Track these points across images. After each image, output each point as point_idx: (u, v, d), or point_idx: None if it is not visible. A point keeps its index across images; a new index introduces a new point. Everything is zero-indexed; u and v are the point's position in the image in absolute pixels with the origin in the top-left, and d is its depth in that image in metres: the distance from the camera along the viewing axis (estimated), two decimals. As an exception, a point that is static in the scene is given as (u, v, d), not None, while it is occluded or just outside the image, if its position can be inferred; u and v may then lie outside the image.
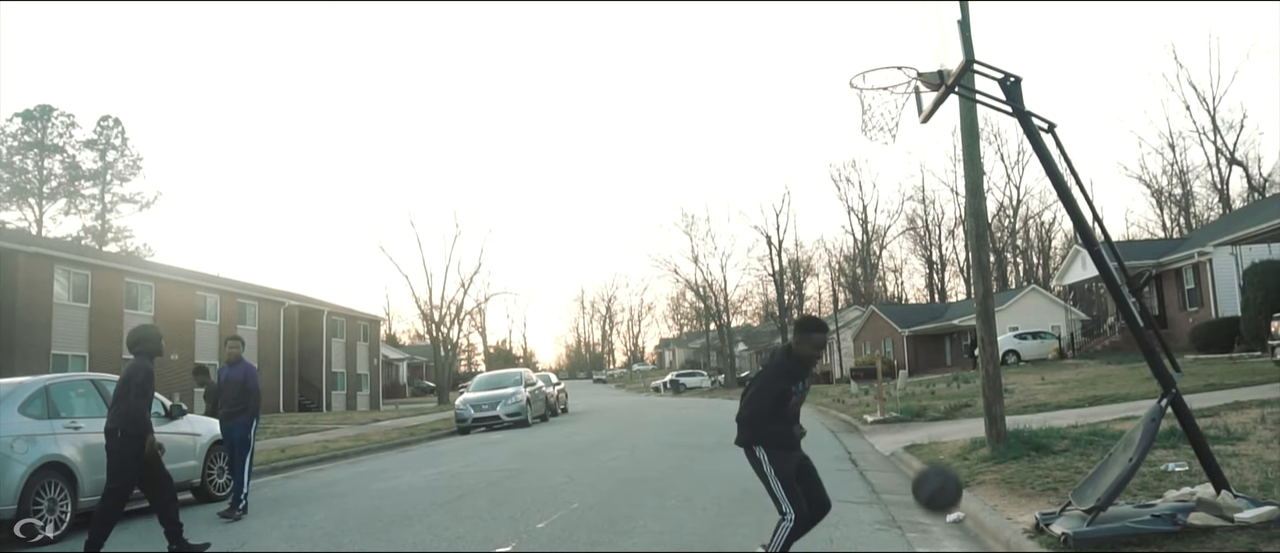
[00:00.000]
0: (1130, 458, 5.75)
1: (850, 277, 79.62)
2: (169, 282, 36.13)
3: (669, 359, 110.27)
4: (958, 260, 75.42)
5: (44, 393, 8.90)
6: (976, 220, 10.14)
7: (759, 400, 5.30)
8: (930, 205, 75.53)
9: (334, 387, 47.77)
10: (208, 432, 10.85)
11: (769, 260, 64.81)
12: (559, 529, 7.54)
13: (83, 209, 64.69)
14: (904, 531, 7.11)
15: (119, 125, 65.34)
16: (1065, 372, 27.24)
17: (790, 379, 5.29)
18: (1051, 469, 8.48)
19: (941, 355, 52.40)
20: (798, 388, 5.33)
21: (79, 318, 30.88)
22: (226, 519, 9.13)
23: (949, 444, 11.55)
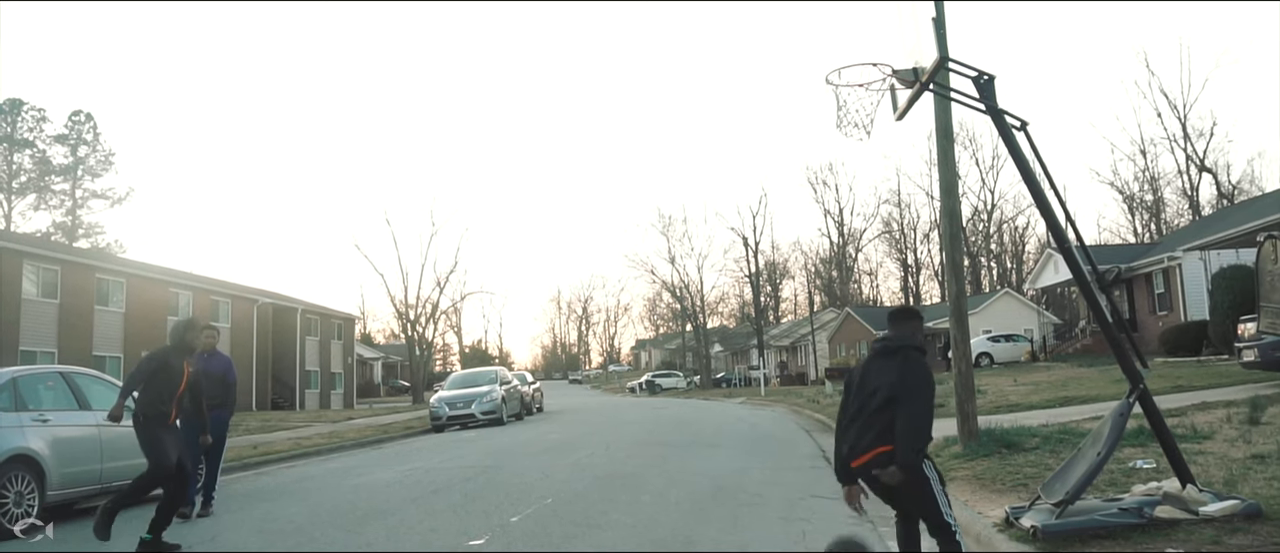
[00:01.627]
0: (1099, 452, 5.83)
1: (826, 279, 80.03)
2: (140, 278, 35.71)
3: (645, 360, 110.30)
4: (932, 264, 76.03)
5: (11, 386, 8.79)
6: (950, 221, 10.22)
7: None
8: (906, 209, 76.22)
9: (308, 385, 47.41)
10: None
11: (745, 262, 65.05)
12: (532, 524, 7.53)
13: (53, 205, 63.90)
14: (876, 525, 7.16)
15: (91, 120, 64.63)
16: (1037, 374, 27.49)
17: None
18: (1022, 466, 8.57)
19: (916, 358, 52.67)
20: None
21: (48, 314, 30.48)
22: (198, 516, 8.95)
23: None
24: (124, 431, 9.68)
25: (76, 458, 9.01)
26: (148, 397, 7.33)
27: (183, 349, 7.62)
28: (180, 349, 7.61)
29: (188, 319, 7.67)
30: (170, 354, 7.49)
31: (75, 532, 8.27)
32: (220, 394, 9.34)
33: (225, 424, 9.53)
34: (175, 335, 7.65)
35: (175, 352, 7.53)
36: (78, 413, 9.28)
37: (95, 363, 30.27)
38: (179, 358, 7.53)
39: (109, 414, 7.27)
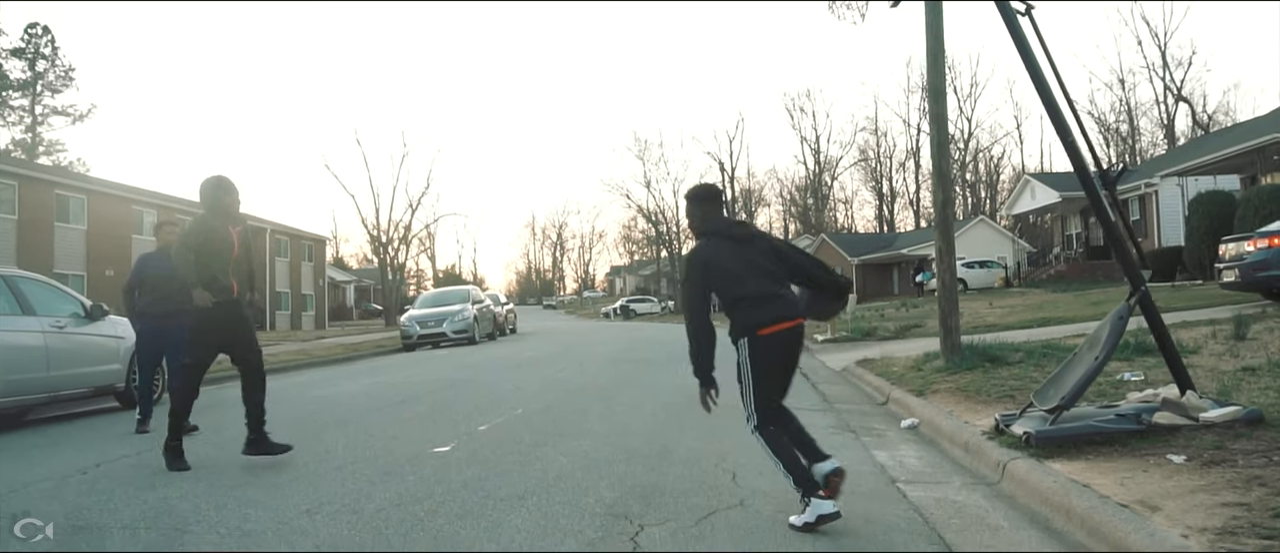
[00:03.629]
0: (1096, 356, 5.55)
1: (801, 207, 79.78)
2: (103, 195, 34.80)
3: (620, 287, 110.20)
4: (907, 193, 76.01)
5: (-53, 288, 8.29)
6: (938, 128, 9.84)
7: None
8: (882, 137, 75.99)
9: (278, 307, 46.87)
10: (131, 335, 10.27)
11: (721, 187, 64.57)
12: (502, 432, 7.22)
13: (11, 121, 62.02)
14: (858, 435, 6.91)
15: (48, 33, 62.42)
16: (1011, 298, 27.46)
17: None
18: (1006, 379, 8.34)
19: (889, 284, 52.86)
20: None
21: (6, 229, 29.67)
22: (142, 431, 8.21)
23: (902, 358, 11.42)
24: (73, 337, 9.28)
25: (19, 365, 8.55)
26: (202, 275, 6.21)
27: (222, 213, 6.33)
28: (220, 213, 6.32)
29: (217, 178, 6.31)
30: (211, 222, 6.27)
31: (20, 440, 7.89)
32: (181, 299, 8.50)
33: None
34: (209, 199, 6.30)
35: (215, 217, 6.29)
36: (20, 318, 8.78)
37: (57, 280, 29.50)
38: (222, 223, 6.31)
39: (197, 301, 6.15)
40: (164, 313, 8.05)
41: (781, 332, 4.39)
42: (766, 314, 4.36)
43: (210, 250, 6.20)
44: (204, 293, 6.08)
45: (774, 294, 4.44)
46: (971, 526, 4.23)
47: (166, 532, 4.29)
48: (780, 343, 4.42)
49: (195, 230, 6.24)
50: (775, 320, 4.36)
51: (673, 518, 4.35)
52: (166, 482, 5.53)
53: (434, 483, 5.24)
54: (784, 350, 4.48)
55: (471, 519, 4.38)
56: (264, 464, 6.08)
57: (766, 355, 4.39)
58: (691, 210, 4.69)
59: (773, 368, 4.45)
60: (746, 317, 4.35)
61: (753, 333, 4.34)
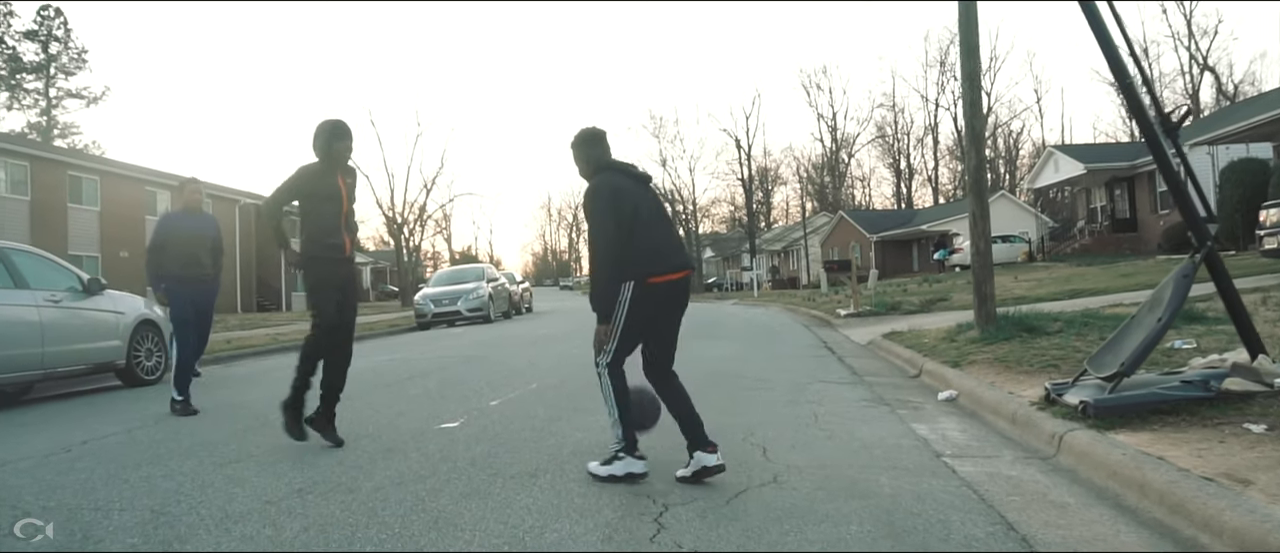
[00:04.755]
0: (1159, 318, 5.08)
1: (818, 185, 78.99)
2: (116, 176, 34.55)
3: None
4: (926, 170, 75.08)
5: (-66, 260, 7.93)
6: (971, 86, 9.33)
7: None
8: (900, 113, 74.98)
9: (293, 288, 46.64)
10: (132, 310, 9.95)
11: (738, 165, 63.96)
12: (514, 407, 6.81)
13: (26, 104, 61.86)
14: (893, 408, 6.46)
15: (61, 15, 62.14)
16: (1037, 272, 26.86)
17: None
18: (1047, 349, 7.86)
19: (909, 261, 52.16)
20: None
21: (18, 211, 29.45)
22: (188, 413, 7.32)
23: (932, 330, 10.95)
24: (69, 312, 8.92)
25: (12, 340, 8.21)
26: (310, 229, 5.49)
27: (334, 161, 5.52)
28: (332, 160, 5.51)
29: (333, 121, 5.51)
30: (318, 169, 5.50)
31: (11, 418, 7.54)
32: (210, 262, 7.70)
33: (214, 299, 7.88)
34: (322, 144, 5.46)
35: (325, 164, 5.50)
36: (13, 291, 8.43)
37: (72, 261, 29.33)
38: (332, 173, 5.52)
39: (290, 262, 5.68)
40: (195, 277, 7.48)
41: (670, 282, 4.24)
42: (661, 262, 4.21)
43: (317, 202, 5.46)
44: (294, 251, 5.54)
45: (670, 240, 4.31)
46: (1033, 503, 3.79)
47: (142, 514, 3.89)
48: (666, 295, 4.25)
49: (298, 179, 5.47)
50: (668, 270, 4.22)
51: (700, 496, 3.93)
52: (152, 461, 5.14)
53: (439, 461, 4.84)
54: (670, 303, 4.32)
55: (478, 499, 3.97)
56: (259, 443, 5.69)
57: (648, 306, 4.20)
58: (579, 155, 4.47)
59: (652, 319, 4.28)
60: (640, 259, 4.16)
61: (641, 279, 4.15)
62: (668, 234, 4.34)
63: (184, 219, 7.63)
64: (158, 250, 7.48)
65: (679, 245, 4.38)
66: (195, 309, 7.50)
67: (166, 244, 7.45)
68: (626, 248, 4.13)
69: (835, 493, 3.92)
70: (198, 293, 7.51)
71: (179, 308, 7.39)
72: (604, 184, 4.24)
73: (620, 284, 4.15)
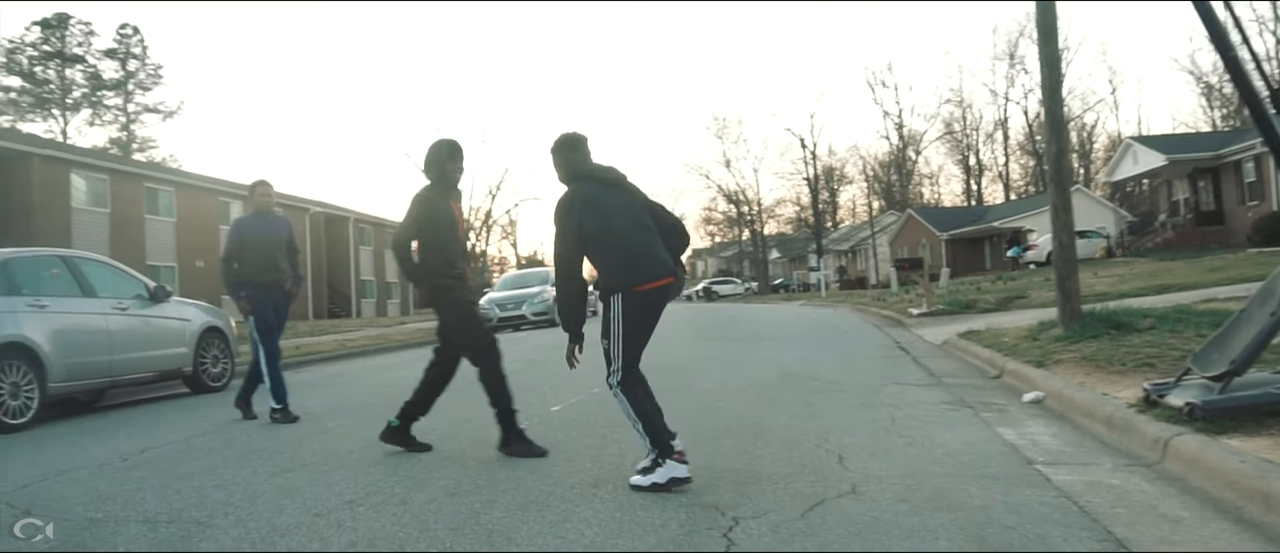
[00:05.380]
0: (1271, 312, 4.65)
1: (885, 184, 77.64)
2: (190, 187, 35.38)
3: (701, 269, 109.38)
4: (996, 166, 73.29)
5: (3, 268, 7.93)
6: (1051, 70, 8.87)
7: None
8: (968, 109, 72.93)
9: (364, 295, 47.32)
10: (198, 318, 9.98)
11: (803, 164, 63.23)
12: (575, 413, 6.60)
13: (107, 120, 63.90)
14: (976, 410, 6.09)
15: (138, 34, 64.13)
16: (1117, 268, 25.89)
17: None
18: (1139, 347, 7.37)
19: (981, 259, 50.91)
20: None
21: (99, 223, 30.25)
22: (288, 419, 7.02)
23: (1011, 329, 10.46)
24: (135, 318, 8.95)
25: (80, 349, 8.24)
26: (431, 260, 5.26)
27: (447, 185, 5.29)
28: (445, 184, 5.27)
29: (448, 142, 5.27)
30: (434, 196, 5.23)
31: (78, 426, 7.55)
32: (288, 264, 7.43)
33: (289, 303, 7.55)
34: (435, 165, 5.22)
35: (438, 190, 5.25)
36: (81, 300, 8.49)
37: (149, 272, 30.12)
38: (445, 198, 5.26)
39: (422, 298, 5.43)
40: (273, 282, 7.25)
41: (655, 290, 4.21)
42: (643, 271, 4.17)
43: (438, 231, 5.22)
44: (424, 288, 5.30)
45: (649, 248, 4.24)
46: (1142, 516, 3.43)
47: (187, 526, 3.75)
48: (652, 302, 4.23)
49: (421, 209, 5.19)
50: (651, 278, 4.18)
51: (773, 509, 3.64)
52: (206, 470, 5.03)
53: (496, 469, 4.64)
54: (654, 311, 4.29)
55: (534, 511, 3.74)
56: (314, 451, 5.56)
57: (639, 313, 4.19)
58: (557, 160, 4.45)
59: (644, 326, 4.25)
60: (621, 271, 4.16)
61: (627, 289, 4.14)
62: (646, 242, 4.26)
63: (257, 223, 7.36)
64: (234, 258, 7.22)
65: (659, 254, 4.29)
66: (279, 315, 7.32)
67: (242, 250, 7.20)
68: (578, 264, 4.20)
69: (920, 505, 3.61)
70: (278, 298, 7.30)
71: (263, 315, 7.15)
72: (574, 196, 4.26)
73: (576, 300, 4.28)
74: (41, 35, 60.50)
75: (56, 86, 61.33)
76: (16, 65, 60.08)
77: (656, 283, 4.19)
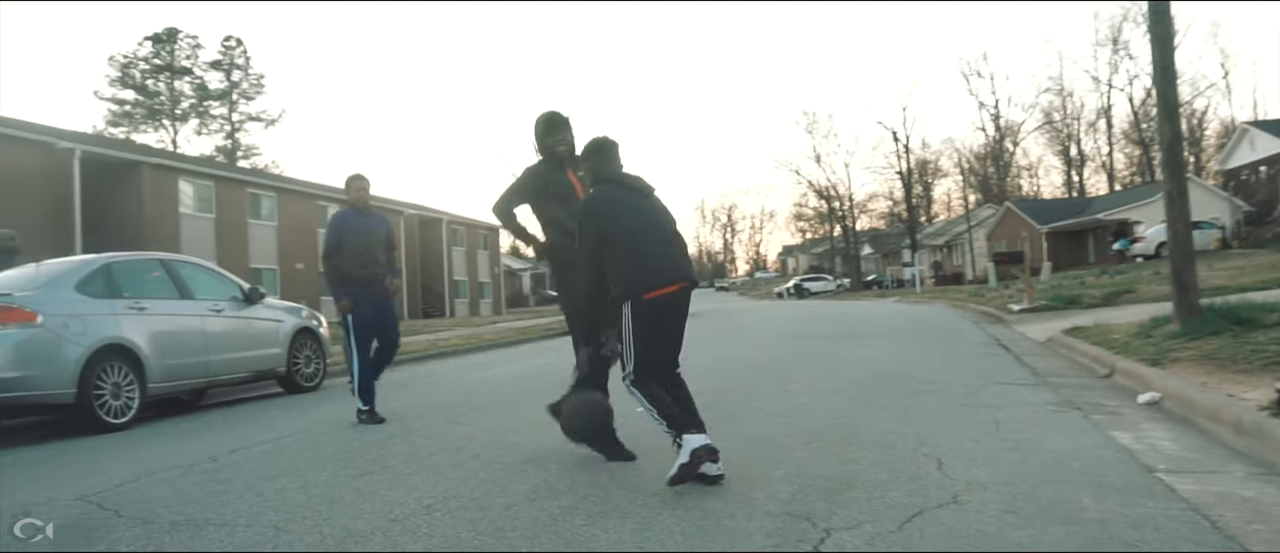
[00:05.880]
0: None
1: (981, 176, 75.46)
2: (290, 192, 36.40)
3: (792, 266, 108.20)
4: (1099, 156, 70.55)
5: (105, 271, 8.18)
6: (1162, 50, 8.34)
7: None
8: (1068, 97, 70.24)
9: (456, 294, 48.04)
10: (291, 319, 10.14)
11: (895, 158, 61.90)
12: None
13: (214, 129, 66.48)
14: (1086, 412, 5.71)
15: (241, 45, 66.56)
16: (1234, 260, 24.60)
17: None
18: (1266, 344, 6.85)
19: (1084, 253, 49.03)
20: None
21: (205, 228, 31.33)
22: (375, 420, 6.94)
23: (1121, 325, 9.92)
24: (230, 320, 9.12)
25: (178, 350, 8.42)
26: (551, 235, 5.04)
27: (552, 158, 5.01)
28: (554, 157, 5.01)
29: (544, 117, 5.03)
30: (541, 169, 5.02)
31: (176, 426, 7.71)
32: (386, 259, 7.33)
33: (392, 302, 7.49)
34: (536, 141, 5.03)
35: (546, 163, 5.02)
36: (179, 302, 8.68)
37: (253, 275, 31.11)
38: (555, 170, 5.00)
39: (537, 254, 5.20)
40: (372, 277, 7.16)
41: (666, 296, 4.22)
42: (654, 277, 4.20)
43: (545, 203, 4.99)
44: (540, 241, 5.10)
45: (663, 256, 4.27)
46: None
47: (264, 530, 3.70)
48: (665, 308, 4.25)
49: (522, 181, 5.01)
50: (662, 284, 4.21)
51: (867, 519, 3.40)
52: (290, 471, 5.02)
53: (578, 474, 4.50)
54: (670, 316, 4.30)
55: (613, 519, 3.58)
56: (397, 452, 5.51)
57: (651, 321, 4.21)
58: (584, 165, 4.56)
59: (659, 333, 4.26)
60: (633, 277, 4.19)
61: (637, 296, 4.18)
62: (660, 249, 4.30)
63: (355, 217, 7.26)
64: (334, 253, 7.11)
65: (673, 259, 4.32)
66: (376, 314, 7.20)
67: (342, 245, 7.10)
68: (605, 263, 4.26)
69: (1029, 517, 3.33)
70: (378, 297, 7.21)
71: (360, 316, 7.08)
72: (593, 204, 4.37)
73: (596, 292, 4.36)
74: (152, 49, 63.25)
75: (166, 98, 64.01)
76: (130, 79, 62.98)
77: (665, 289, 4.22)
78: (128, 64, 62.80)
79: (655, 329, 4.23)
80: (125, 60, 62.84)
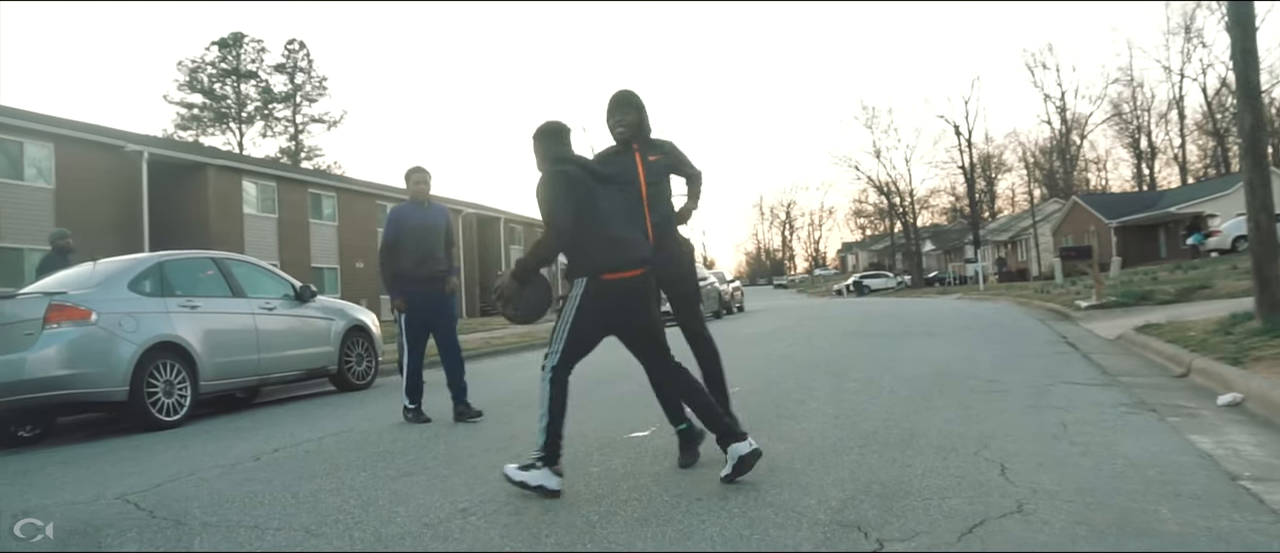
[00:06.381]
0: None
1: (1047, 170, 73.72)
2: (351, 192, 36.85)
3: (852, 263, 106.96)
4: (1170, 148, 68.47)
5: (158, 270, 8.24)
6: (1243, 31, 7.91)
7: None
8: (1138, 88, 68.19)
9: (515, 293, 48.23)
10: (343, 317, 10.13)
11: (957, 152, 60.75)
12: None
13: (278, 131, 67.75)
14: (1161, 414, 5.38)
15: (304, 48, 67.77)
16: (1317, 254, 23.51)
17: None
18: (1359, 343, 6.45)
19: (1155, 248, 47.58)
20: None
21: (268, 228, 31.85)
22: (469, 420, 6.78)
23: (1197, 322, 9.47)
24: (282, 319, 9.14)
25: (230, 348, 8.46)
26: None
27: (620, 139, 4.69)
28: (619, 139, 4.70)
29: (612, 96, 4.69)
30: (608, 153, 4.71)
31: (225, 424, 7.72)
32: (445, 256, 7.08)
33: (451, 302, 7.29)
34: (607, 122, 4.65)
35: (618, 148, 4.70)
36: (231, 300, 8.72)
37: (314, 274, 31.56)
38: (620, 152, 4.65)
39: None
40: (428, 275, 6.93)
41: (628, 280, 4.00)
42: (619, 255, 4.00)
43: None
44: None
45: (630, 236, 4.09)
46: (1389, 551, 2.80)
47: (294, 533, 3.59)
48: (621, 294, 4.01)
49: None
50: (625, 266, 3.99)
51: (923, 529, 3.18)
52: (329, 472, 4.94)
53: (620, 477, 4.34)
54: (631, 300, 4.05)
55: (655, 526, 3.41)
56: (437, 453, 5.41)
57: (600, 304, 3.98)
58: (537, 148, 4.32)
59: (600, 322, 4.05)
60: (595, 253, 3.99)
61: (596, 275, 3.98)
62: (631, 230, 4.14)
63: (413, 211, 7.01)
64: (391, 249, 6.93)
65: (643, 242, 4.15)
66: (433, 315, 6.98)
67: (399, 241, 6.90)
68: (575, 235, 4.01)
69: (1101, 530, 3.08)
70: (434, 296, 6.98)
71: (415, 316, 6.93)
72: (560, 170, 4.12)
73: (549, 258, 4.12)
74: (219, 54, 64.67)
75: (233, 102, 65.40)
76: (198, 83, 64.51)
77: (626, 273, 4.00)
78: (195, 68, 64.36)
79: (599, 316, 4.02)
80: (193, 65, 64.42)
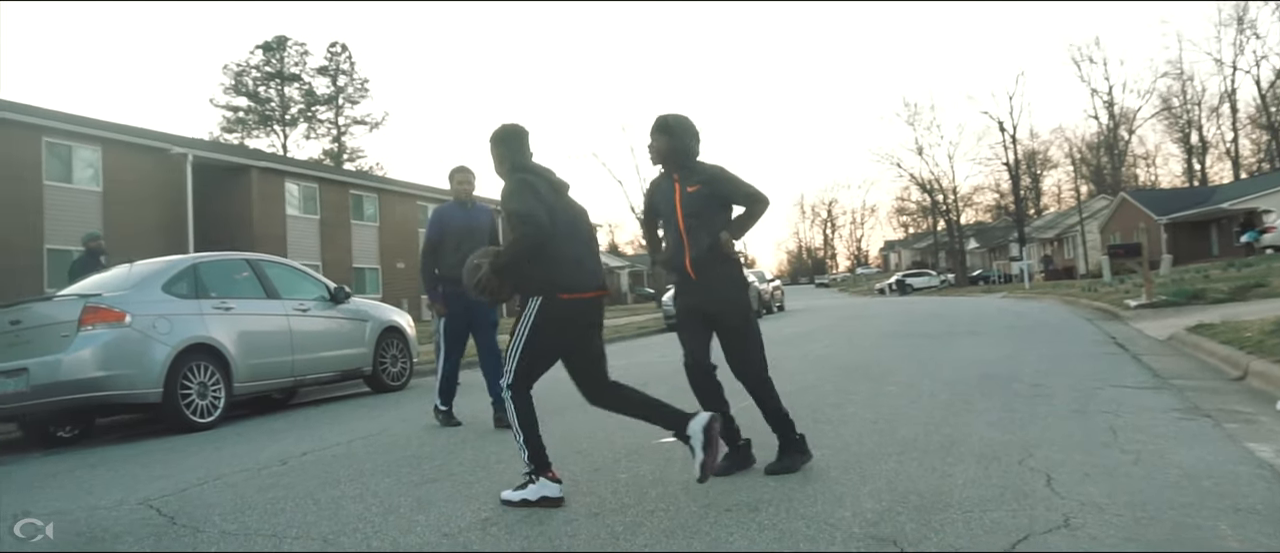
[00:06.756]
0: None
1: (1094, 166, 72.35)
2: (392, 193, 37.11)
3: (894, 262, 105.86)
4: (1222, 143, 66.82)
5: (192, 271, 8.26)
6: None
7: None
8: (1188, 82, 66.59)
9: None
10: (377, 318, 10.10)
11: (1002, 149, 59.79)
12: (744, 419, 6.05)
13: (321, 133, 68.51)
14: (1216, 420, 5.14)
15: (346, 51, 68.36)
16: (1378, 251, 22.79)
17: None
18: None
19: (1207, 245, 46.48)
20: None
21: (310, 229, 32.16)
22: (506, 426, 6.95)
23: (1253, 322, 9.12)
24: (317, 320, 9.12)
25: (265, 349, 8.45)
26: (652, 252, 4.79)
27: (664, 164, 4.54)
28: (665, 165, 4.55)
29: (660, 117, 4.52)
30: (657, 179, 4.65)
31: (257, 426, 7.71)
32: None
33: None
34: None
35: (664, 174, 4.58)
36: (265, 302, 8.72)
37: (355, 275, 31.85)
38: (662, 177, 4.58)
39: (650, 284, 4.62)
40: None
41: (584, 301, 3.99)
42: (578, 276, 3.97)
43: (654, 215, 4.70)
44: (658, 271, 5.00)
45: (586, 256, 4.07)
46: None
47: (312, 542, 3.51)
48: (576, 314, 3.98)
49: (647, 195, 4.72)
50: (584, 287, 3.99)
51: (963, 544, 3.01)
52: (353, 477, 4.86)
53: (648, 486, 4.21)
54: (583, 321, 4.04)
55: (682, 538, 3.28)
56: (464, 459, 5.32)
57: (557, 325, 3.94)
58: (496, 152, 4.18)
59: (556, 341, 3.99)
60: (553, 272, 3.91)
61: (552, 293, 3.91)
62: (586, 248, 4.11)
63: (457, 212, 6.84)
64: (433, 250, 6.81)
65: (593, 264, 4.12)
66: (470, 318, 6.81)
67: (442, 242, 6.75)
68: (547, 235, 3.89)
69: (1154, 546, 2.89)
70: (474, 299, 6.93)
71: (452, 320, 6.81)
72: (523, 180, 4.01)
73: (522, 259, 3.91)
74: (263, 57, 65.52)
75: (277, 104, 66.23)
76: (243, 86, 65.46)
77: (588, 293, 4.00)
78: (241, 72, 65.32)
79: (556, 336, 3.97)
80: (238, 68, 65.39)
